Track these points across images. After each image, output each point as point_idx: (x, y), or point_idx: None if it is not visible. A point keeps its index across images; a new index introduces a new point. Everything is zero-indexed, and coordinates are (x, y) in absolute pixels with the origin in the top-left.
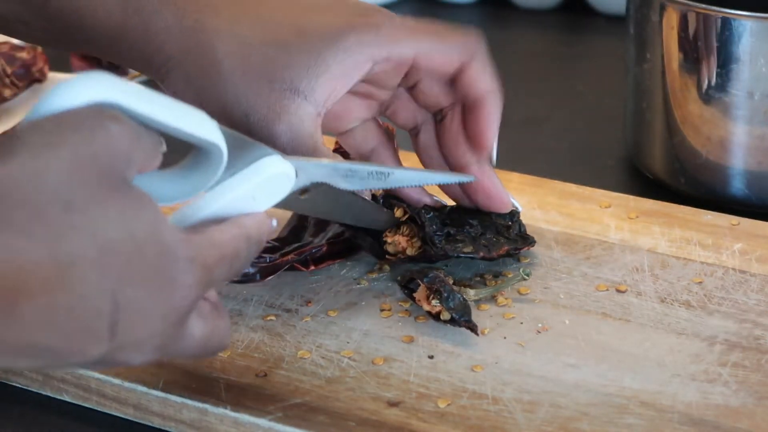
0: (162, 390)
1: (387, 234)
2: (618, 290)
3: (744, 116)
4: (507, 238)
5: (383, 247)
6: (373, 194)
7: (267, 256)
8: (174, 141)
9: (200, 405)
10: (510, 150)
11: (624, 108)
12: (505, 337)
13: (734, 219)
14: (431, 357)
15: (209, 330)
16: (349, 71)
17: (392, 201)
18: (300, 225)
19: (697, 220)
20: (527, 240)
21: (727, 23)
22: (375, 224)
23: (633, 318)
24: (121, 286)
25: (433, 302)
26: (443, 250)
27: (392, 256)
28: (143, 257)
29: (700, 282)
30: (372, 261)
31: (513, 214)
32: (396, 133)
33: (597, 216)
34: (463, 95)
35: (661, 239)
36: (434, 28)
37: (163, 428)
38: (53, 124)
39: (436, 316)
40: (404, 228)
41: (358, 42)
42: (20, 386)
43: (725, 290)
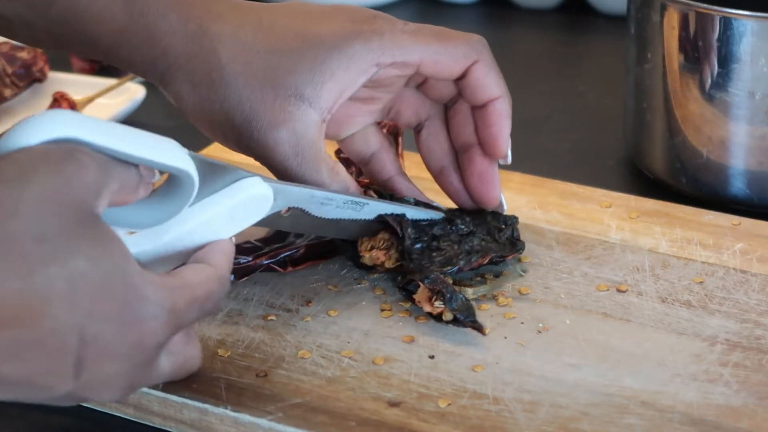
0: (162, 390)
1: (362, 246)
2: (619, 290)
3: (745, 116)
4: (496, 242)
5: (359, 257)
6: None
7: (242, 258)
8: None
9: (200, 405)
10: (511, 150)
11: (625, 108)
12: (506, 337)
13: (735, 219)
14: (432, 357)
15: (179, 362)
16: (354, 77)
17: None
18: None
19: (698, 220)
20: (515, 247)
21: (728, 23)
22: (357, 236)
23: (634, 318)
24: (89, 322)
25: (436, 303)
26: (419, 267)
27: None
28: (111, 294)
29: (701, 282)
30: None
31: (508, 219)
32: (404, 131)
33: (598, 216)
34: (470, 99)
35: (662, 239)
36: (438, 32)
37: (164, 428)
38: (25, 157)
39: (438, 317)
40: (381, 238)
41: (363, 49)
42: None
43: (726, 290)
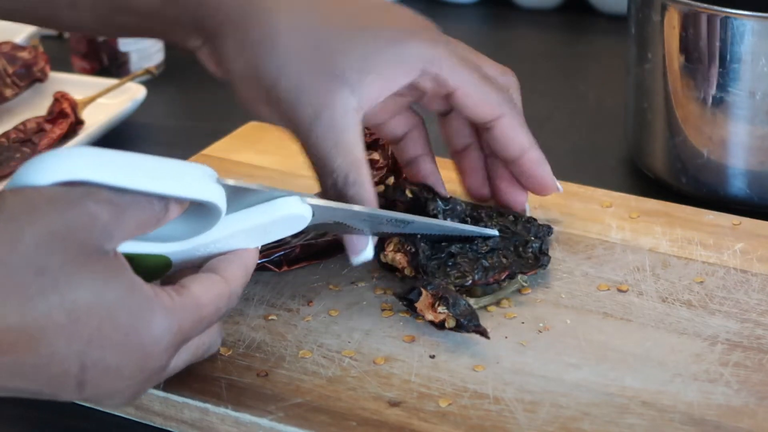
0: (163, 390)
1: (389, 246)
2: (619, 290)
3: (745, 116)
4: (519, 257)
5: (380, 254)
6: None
7: None
8: None
9: (201, 405)
10: None
11: (625, 108)
12: (507, 337)
13: (736, 219)
14: (432, 357)
15: (194, 353)
16: (399, 77)
17: (404, 185)
18: None
19: (699, 220)
20: (538, 262)
21: (729, 23)
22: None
23: (634, 318)
24: (90, 350)
25: (440, 309)
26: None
27: (384, 265)
28: (114, 323)
29: (702, 282)
30: (373, 261)
31: (540, 231)
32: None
33: (598, 216)
34: (500, 153)
35: (663, 239)
36: (478, 64)
37: (165, 428)
38: (34, 195)
39: (440, 325)
40: (406, 245)
41: (416, 51)
42: None
43: (727, 290)
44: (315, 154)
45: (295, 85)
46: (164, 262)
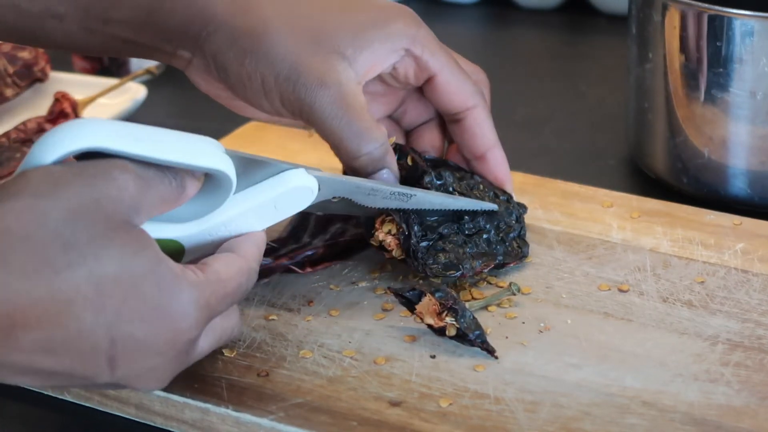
0: (164, 390)
1: (381, 226)
2: (620, 290)
3: (746, 116)
4: (503, 242)
5: (371, 233)
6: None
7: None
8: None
9: (202, 405)
10: (512, 150)
11: (626, 108)
12: (507, 337)
13: (736, 219)
14: (433, 357)
15: (218, 338)
16: (387, 54)
17: (408, 152)
18: (300, 225)
19: (700, 220)
20: (520, 252)
21: (730, 23)
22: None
23: (635, 318)
24: (118, 323)
25: (447, 319)
26: (422, 269)
27: (375, 245)
28: (142, 296)
29: (703, 282)
30: (374, 261)
31: (520, 214)
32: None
33: (599, 216)
34: (464, 143)
35: (664, 239)
36: (454, 58)
37: (165, 428)
38: (61, 170)
39: (439, 331)
40: (395, 226)
41: (401, 31)
42: (22, 386)
43: (727, 290)
44: (329, 127)
45: (294, 64)
46: (177, 248)
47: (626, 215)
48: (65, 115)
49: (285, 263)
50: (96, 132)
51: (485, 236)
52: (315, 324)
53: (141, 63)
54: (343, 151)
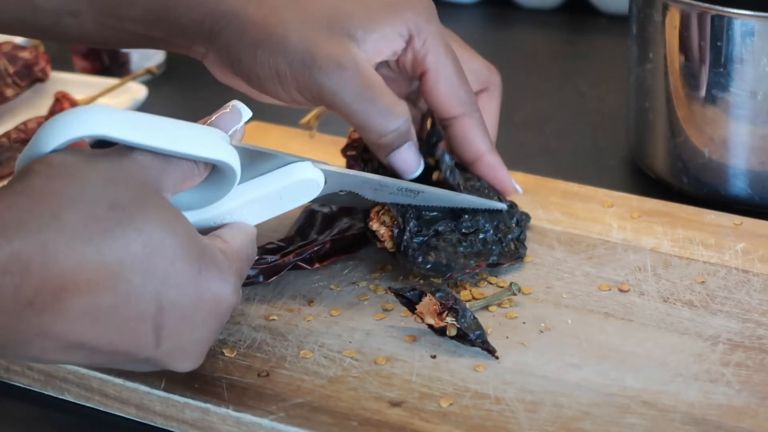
0: (164, 390)
1: (377, 215)
2: (620, 290)
3: (747, 116)
4: (500, 243)
5: (367, 221)
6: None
7: (269, 257)
8: None
9: (202, 405)
10: (513, 150)
11: (626, 108)
12: (508, 337)
13: (737, 219)
14: (434, 356)
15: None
16: (395, 39)
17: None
18: (307, 223)
19: (700, 220)
20: (516, 254)
21: (730, 23)
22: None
23: (635, 318)
24: (166, 289)
25: (448, 319)
26: (410, 266)
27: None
28: (187, 261)
29: (703, 282)
30: (374, 261)
31: (521, 219)
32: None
33: (600, 216)
34: (455, 150)
35: (664, 239)
36: (466, 56)
37: (166, 428)
38: (83, 153)
39: (440, 331)
40: (395, 218)
41: (410, 19)
42: (23, 386)
43: (728, 290)
44: (354, 108)
45: (308, 49)
46: None
47: (627, 215)
48: None
49: (293, 260)
50: (99, 120)
51: (482, 236)
52: (315, 324)
53: (141, 63)
54: (371, 131)
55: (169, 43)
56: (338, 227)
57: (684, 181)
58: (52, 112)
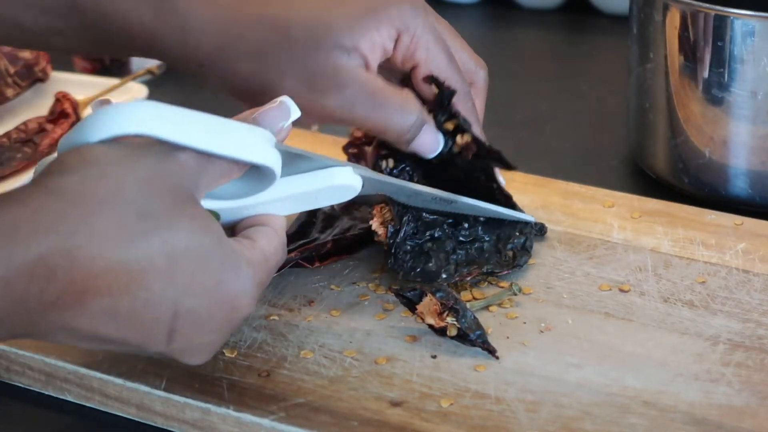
0: (165, 390)
1: (380, 210)
2: (621, 290)
3: (747, 116)
4: (497, 253)
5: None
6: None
7: None
8: None
9: (203, 405)
10: (513, 149)
11: (627, 108)
12: (508, 337)
13: (737, 219)
14: (434, 357)
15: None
16: (385, 41)
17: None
18: (308, 221)
19: (701, 220)
20: (513, 262)
21: (731, 23)
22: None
23: (636, 318)
24: (184, 297)
25: (448, 319)
26: (398, 268)
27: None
28: (208, 271)
29: (703, 282)
30: (375, 261)
31: (525, 227)
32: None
33: (600, 215)
34: None
35: (665, 239)
36: (455, 46)
37: (166, 428)
38: (125, 146)
39: (440, 331)
40: (388, 210)
41: (396, 17)
42: (23, 386)
43: (728, 290)
44: (367, 119)
45: (300, 74)
46: (214, 217)
47: (627, 215)
48: (66, 116)
49: (294, 258)
50: (147, 118)
51: (478, 245)
52: (316, 324)
53: (142, 63)
54: (392, 134)
55: (166, 59)
56: (339, 227)
57: (684, 181)
58: (53, 112)
